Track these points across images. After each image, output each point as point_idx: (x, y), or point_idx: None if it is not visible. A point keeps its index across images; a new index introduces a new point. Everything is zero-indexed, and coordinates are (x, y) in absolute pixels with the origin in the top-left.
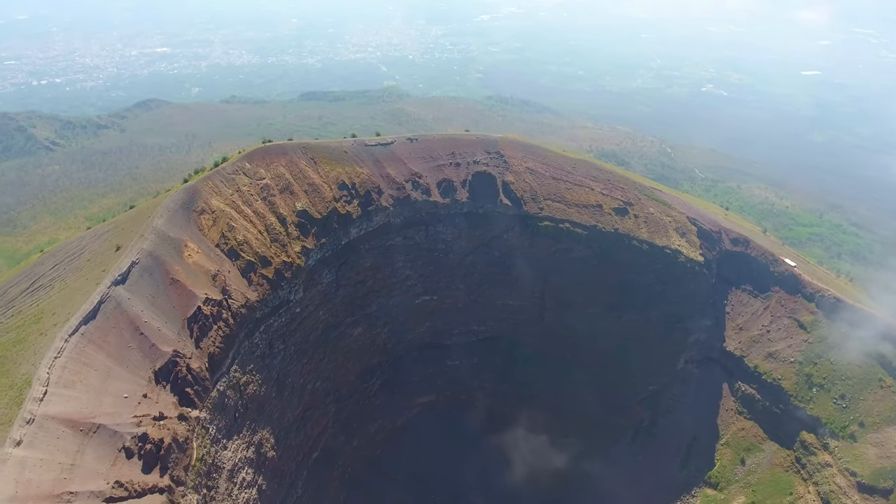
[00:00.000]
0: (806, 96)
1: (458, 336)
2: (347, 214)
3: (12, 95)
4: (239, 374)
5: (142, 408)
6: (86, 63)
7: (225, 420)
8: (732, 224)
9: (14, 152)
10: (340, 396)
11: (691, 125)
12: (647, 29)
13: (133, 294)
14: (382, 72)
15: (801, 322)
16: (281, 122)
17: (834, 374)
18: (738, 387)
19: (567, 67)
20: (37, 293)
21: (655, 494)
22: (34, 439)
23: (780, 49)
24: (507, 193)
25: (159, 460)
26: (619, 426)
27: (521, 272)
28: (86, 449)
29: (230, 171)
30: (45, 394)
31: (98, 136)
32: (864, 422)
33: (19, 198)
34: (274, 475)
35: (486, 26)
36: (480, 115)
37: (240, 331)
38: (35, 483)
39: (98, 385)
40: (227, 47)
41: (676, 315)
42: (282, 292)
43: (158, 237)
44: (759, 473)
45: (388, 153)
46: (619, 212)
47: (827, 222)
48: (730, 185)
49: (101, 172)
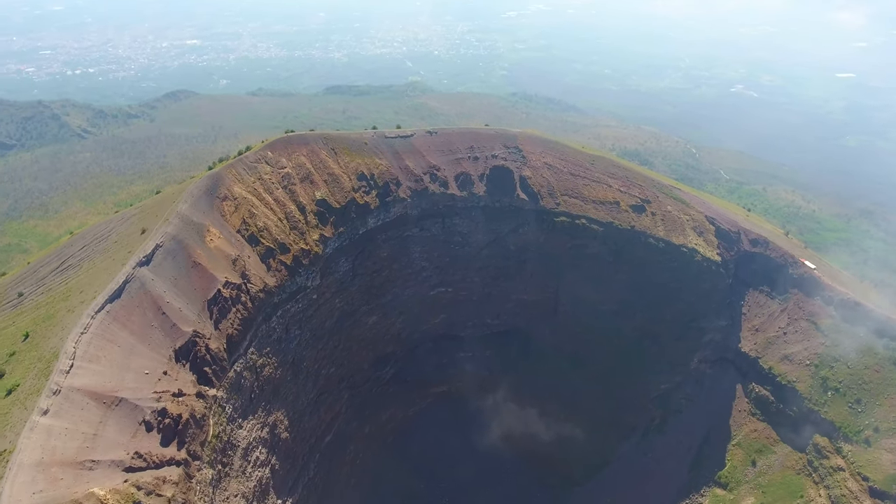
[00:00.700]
0: (839, 99)
1: (472, 328)
2: (365, 205)
3: (48, 84)
4: (256, 357)
5: (162, 384)
6: (118, 54)
7: (241, 400)
8: (752, 225)
9: (48, 139)
10: (354, 383)
11: (719, 127)
12: (676, 29)
13: (157, 275)
14: (407, 67)
15: (818, 325)
16: (306, 115)
17: (850, 378)
18: (752, 388)
19: (594, 66)
20: (66, 272)
21: (664, 492)
22: (60, 409)
23: (815, 51)
24: (524, 188)
25: (177, 434)
26: (630, 424)
27: (536, 267)
28: (108, 420)
29: (253, 160)
30: (71, 367)
31: (128, 125)
32: (880, 427)
33: (52, 183)
34: (287, 456)
35: (513, 23)
36: (504, 112)
37: (258, 314)
38: (60, 450)
39: (121, 361)
40: (255, 40)
41: (691, 314)
42: (299, 279)
43: (182, 222)
44: (769, 475)
45: (408, 145)
46: (636, 209)
47: (855, 227)
48: (755, 187)
49: (130, 160)
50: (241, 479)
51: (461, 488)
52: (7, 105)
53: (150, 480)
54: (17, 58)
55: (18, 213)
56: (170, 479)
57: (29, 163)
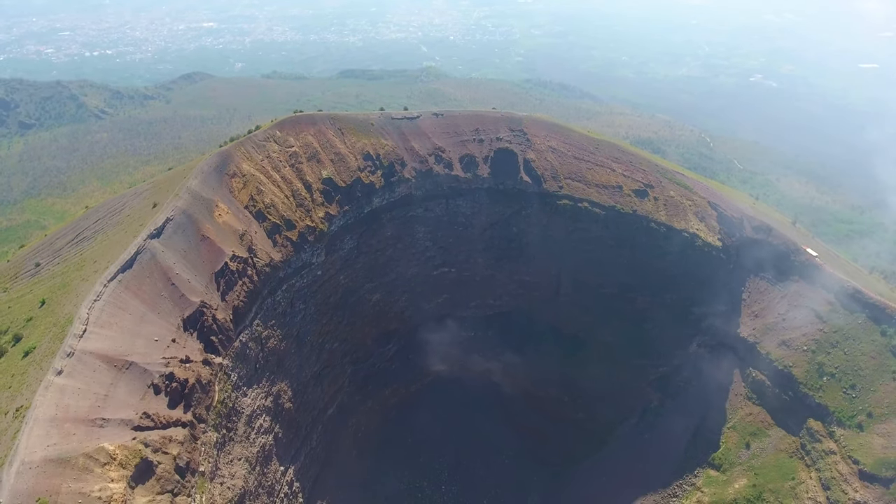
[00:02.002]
0: (861, 90)
1: (475, 309)
2: (371, 184)
3: (66, 65)
4: (261, 328)
5: (170, 351)
6: (136, 36)
7: (246, 369)
8: (757, 212)
9: (66, 119)
10: (357, 358)
11: (736, 116)
12: (698, 16)
13: (167, 247)
14: (422, 52)
15: (817, 312)
16: (319, 99)
17: (847, 364)
18: (749, 372)
19: (611, 53)
20: (81, 244)
21: (659, 472)
22: (73, 370)
23: (838, 40)
24: (527, 171)
25: (184, 398)
26: (629, 405)
27: (538, 250)
28: (118, 383)
29: (261, 139)
30: (84, 331)
31: (144, 107)
32: (873, 412)
33: (69, 162)
34: (290, 425)
35: (530, 9)
36: (517, 98)
37: (263, 288)
38: (73, 408)
39: (132, 327)
40: (271, 23)
41: (691, 299)
42: (304, 255)
43: (192, 197)
44: (763, 458)
45: (414, 127)
46: (638, 193)
47: (868, 220)
48: (768, 177)
49: (146, 141)
50: (244, 444)
51: (461, 464)
52: (27, 85)
53: (157, 439)
54: (36, 39)
55: (38, 191)
56: (175, 439)
57: (48, 142)
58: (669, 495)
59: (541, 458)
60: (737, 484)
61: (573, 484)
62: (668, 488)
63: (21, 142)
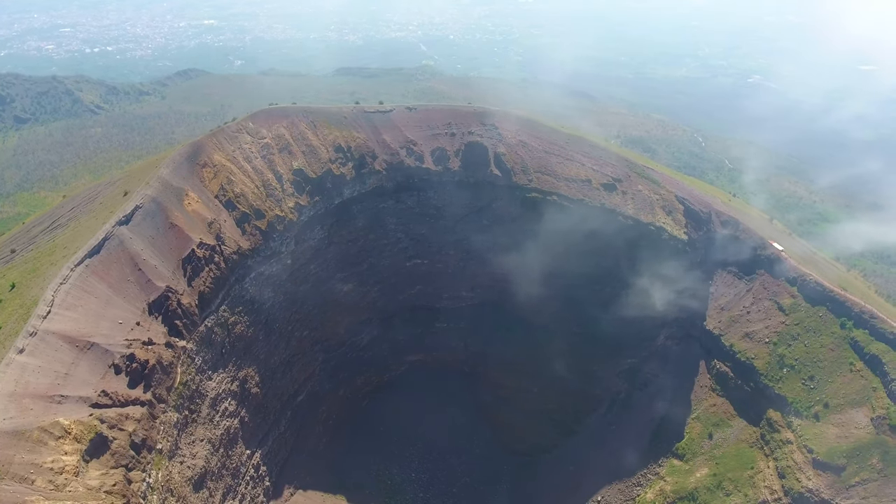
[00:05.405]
0: (859, 91)
1: (448, 300)
2: (341, 175)
3: (66, 61)
4: (228, 314)
5: (134, 333)
6: (136, 32)
7: (211, 353)
8: (729, 208)
9: (61, 114)
10: (329, 346)
11: (732, 117)
12: (699, 17)
13: (135, 234)
14: (422, 51)
15: (780, 304)
16: (313, 96)
17: (807, 356)
18: (714, 364)
19: (610, 53)
20: (54, 231)
21: (625, 462)
22: (35, 349)
23: (839, 41)
24: (497, 164)
25: (144, 378)
26: (596, 396)
27: (508, 242)
28: (80, 362)
29: (234, 130)
30: (48, 313)
31: (140, 102)
32: (829, 403)
33: (63, 156)
34: (258, 410)
35: (530, 8)
36: (510, 97)
37: (231, 275)
38: (32, 385)
39: (97, 310)
40: (271, 21)
41: (657, 292)
42: (273, 243)
43: (162, 185)
44: (724, 448)
45: (386, 120)
46: (607, 187)
47: (857, 220)
48: (759, 177)
49: (140, 136)
50: (208, 425)
51: (432, 453)
52: (23, 80)
53: (114, 416)
54: (37, 35)
55: (30, 185)
56: (132, 417)
57: (42, 136)
58: (634, 484)
59: (510, 448)
60: (698, 473)
61: (542, 473)
62: (633, 477)
63: (16, 136)
